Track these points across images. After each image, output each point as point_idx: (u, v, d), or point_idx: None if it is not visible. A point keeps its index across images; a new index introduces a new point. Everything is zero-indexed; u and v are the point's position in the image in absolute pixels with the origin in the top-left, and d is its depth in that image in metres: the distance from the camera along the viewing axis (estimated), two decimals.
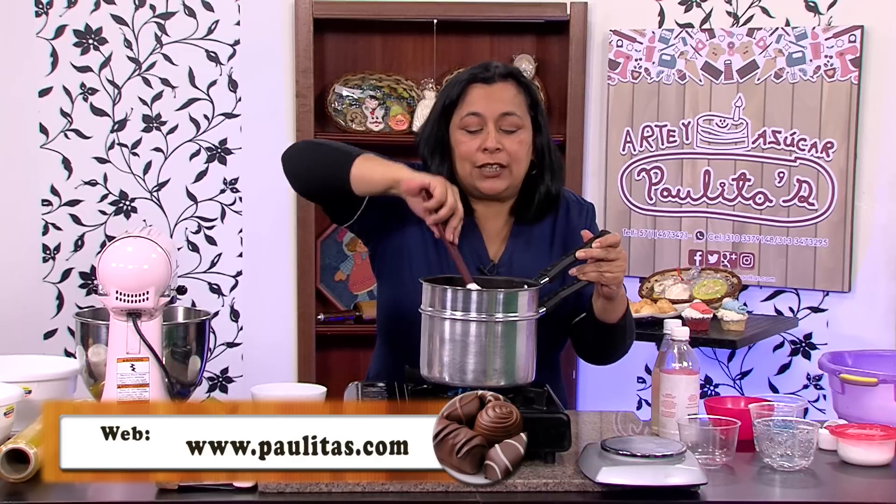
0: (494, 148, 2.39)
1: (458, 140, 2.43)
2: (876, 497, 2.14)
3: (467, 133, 2.41)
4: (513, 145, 2.40)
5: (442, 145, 2.45)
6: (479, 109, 2.41)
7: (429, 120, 2.51)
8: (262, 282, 4.02)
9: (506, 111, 2.41)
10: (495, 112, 2.41)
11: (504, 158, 2.40)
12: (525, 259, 2.46)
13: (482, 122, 2.40)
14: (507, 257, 2.47)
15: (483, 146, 2.39)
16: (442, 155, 2.45)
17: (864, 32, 3.63)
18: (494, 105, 2.41)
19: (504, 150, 2.39)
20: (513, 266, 2.45)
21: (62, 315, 3.96)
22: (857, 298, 3.73)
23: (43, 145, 3.93)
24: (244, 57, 3.95)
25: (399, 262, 2.45)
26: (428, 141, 2.47)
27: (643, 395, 3.97)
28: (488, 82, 2.43)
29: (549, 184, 2.48)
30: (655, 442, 2.10)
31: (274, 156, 2.43)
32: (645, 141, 3.93)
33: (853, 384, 2.50)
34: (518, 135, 2.42)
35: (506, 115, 2.41)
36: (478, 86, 2.43)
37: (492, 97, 2.42)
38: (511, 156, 2.40)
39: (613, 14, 3.95)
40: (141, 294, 2.16)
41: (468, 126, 2.41)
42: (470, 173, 2.42)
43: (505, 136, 2.40)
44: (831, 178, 3.68)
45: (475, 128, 2.41)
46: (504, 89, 2.43)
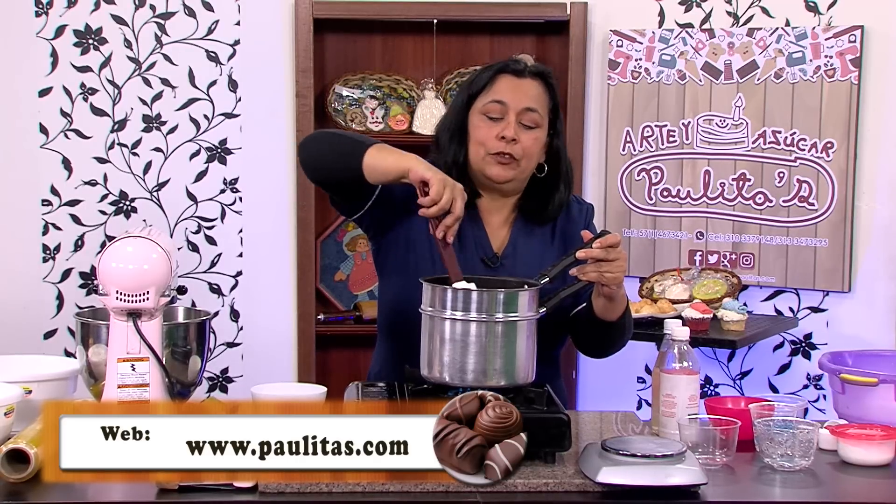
0: (511, 138, 2.42)
1: (476, 124, 2.46)
2: (876, 497, 2.14)
3: (487, 119, 2.45)
4: (528, 140, 2.44)
5: (461, 129, 2.48)
6: (504, 98, 2.44)
7: (451, 107, 2.55)
8: (262, 282, 4.02)
9: (529, 106, 2.45)
10: (519, 104, 2.44)
11: (518, 151, 2.43)
12: (528, 253, 2.48)
13: (504, 111, 2.44)
14: (510, 249, 2.49)
15: (501, 134, 2.42)
16: (460, 138, 2.48)
17: (864, 32, 3.63)
18: (520, 97, 2.45)
19: (519, 144, 2.43)
20: (517, 259, 2.47)
21: (62, 315, 3.96)
22: (857, 298, 3.72)
23: (43, 145, 3.93)
24: (244, 57, 3.95)
25: (404, 257, 2.47)
26: (446, 125, 2.52)
27: (643, 395, 3.97)
28: (519, 75, 2.48)
29: (563, 193, 2.53)
30: (655, 442, 2.10)
31: (274, 156, 2.43)
32: (645, 141, 3.93)
33: (853, 384, 2.50)
34: (535, 132, 2.45)
35: (528, 111, 2.44)
36: (508, 76, 2.48)
37: (519, 89, 2.46)
38: (524, 150, 2.44)
39: (613, 14, 3.95)
40: (141, 294, 2.16)
41: (490, 112, 2.45)
42: (483, 158, 2.45)
43: (523, 131, 2.44)
44: (831, 178, 3.68)
45: (496, 115, 2.44)
46: (532, 85, 2.47)
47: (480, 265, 2.45)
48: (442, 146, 2.50)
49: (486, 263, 2.46)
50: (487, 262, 2.46)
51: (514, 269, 2.43)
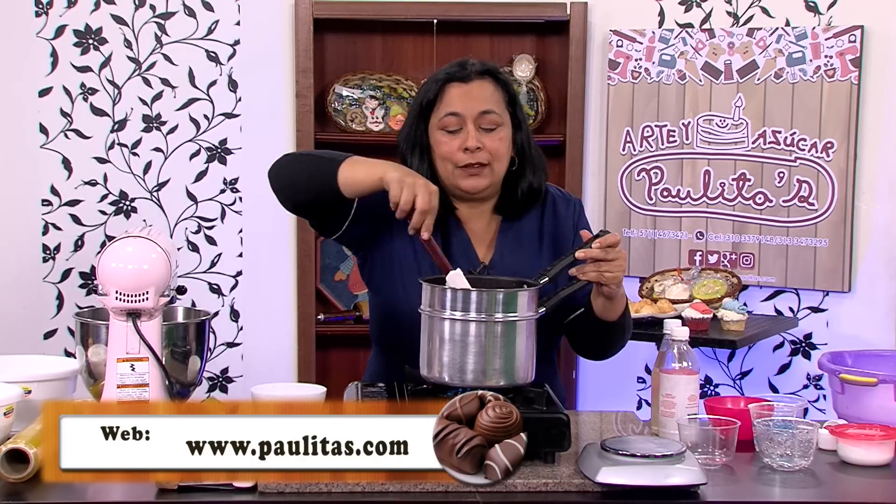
0: (475, 147, 2.38)
1: (438, 140, 2.41)
2: (876, 497, 2.14)
3: (447, 133, 2.40)
4: (493, 143, 2.40)
5: (421, 145, 2.44)
6: (457, 109, 2.40)
7: (407, 120, 2.50)
8: (262, 282, 4.02)
9: (484, 109, 2.40)
10: (474, 111, 2.39)
11: (485, 157, 2.39)
12: (516, 258, 2.45)
13: (461, 122, 2.39)
14: (497, 257, 2.46)
15: (464, 146, 2.38)
16: (421, 155, 2.43)
17: (864, 32, 3.63)
18: (473, 104, 2.40)
19: (484, 149, 2.39)
20: (504, 266, 2.44)
21: (62, 315, 3.96)
22: (857, 298, 3.73)
23: (43, 145, 3.93)
24: (244, 57, 3.95)
25: (390, 270, 2.44)
26: (407, 141, 2.46)
27: (643, 395, 3.97)
28: (465, 81, 2.42)
29: (530, 178, 2.47)
30: (655, 442, 2.10)
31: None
32: (645, 141, 3.93)
33: (853, 384, 2.50)
34: (498, 132, 2.41)
35: (485, 114, 2.40)
36: (455, 85, 2.42)
37: (469, 96, 2.41)
38: (492, 154, 2.40)
39: (613, 14, 3.95)
40: (141, 294, 2.16)
41: (447, 126, 2.40)
42: (452, 173, 2.41)
43: (485, 135, 2.39)
44: (831, 178, 3.68)
45: (454, 127, 2.40)
46: (481, 87, 2.42)
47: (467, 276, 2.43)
48: (405, 160, 2.44)
49: (472, 273, 2.42)
50: (474, 273, 2.40)
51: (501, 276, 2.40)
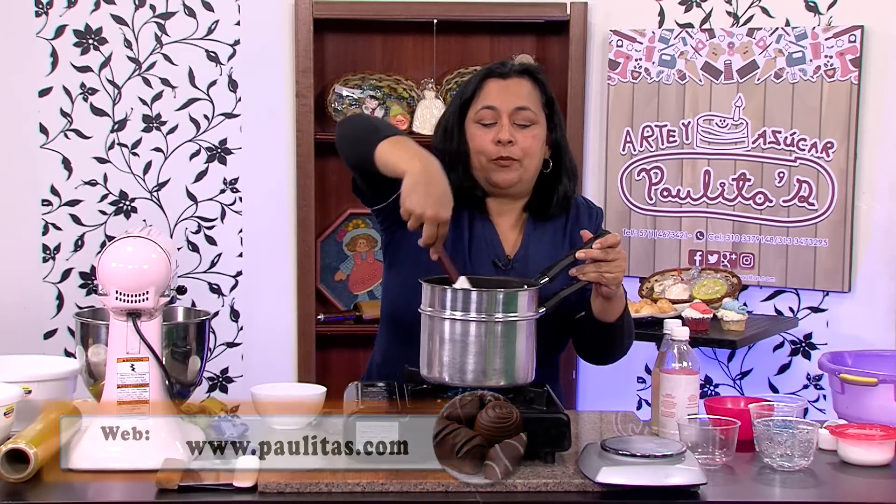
0: (507, 140, 2.41)
1: (473, 133, 2.45)
2: (876, 497, 2.14)
3: (482, 126, 2.44)
4: (526, 140, 2.43)
5: (458, 140, 2.47)
6: (493, 103, 2.44)
7: (445, 115, 2.54)
8: (262, 282, 4.02)
9: (520, 105, 2.44)
10: (510, 106, 2.43)
11: (517, 152, 2.42)
12: (541, 254, 2.47)
13: (496, 116, 2.43)
14: (522, 252, 2.48)
15: (496, 138, 2.41)
16: (458, 149, 2.46)
17: (864, 32, 3.63)
18: (509, 99, 2.44)
19: (517, 145, 2.42)
20: (528, 261, 2.46)
21: (62, 315, 3.96)
22: (857, 298, 3.73)
23: (43, 145, 3.93)
24: (244, 57, 3.95)
25: (416, 249, 2.43)
26: (444, 136, 2.50)
27: (643, 395, 3.97)
28: (504, 77, 2.47)
29: (567, 186, 2.51)
30: (655, 442, 2.10)
31: (274, 156, 2.43)
32: (645, 141, 3.93)
33: (853, 384, 2.50)
34: (532, 130, 2.44)
35: (520, 110, 2.44)
36: (493, 80, 2.47)
37: (507, 91, 2.45)
38: (524, 150, 2.43)
39: (613, 14, 3.95)
40: (141, 294, 2.16)
41: (483, 119, 2.44)
42: (484, 166, 2.44)
43: (518, 131, 2.43)
44: (831, 178, 3.68)
45: (489, 121, 2.44)
46: (519, 84, 2.47)
47: (492, 268, 2.44)
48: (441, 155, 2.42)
49: (497, 266, 2.45)
50: (499, 265, 2.45)
51: (525, 272, 2.42)
